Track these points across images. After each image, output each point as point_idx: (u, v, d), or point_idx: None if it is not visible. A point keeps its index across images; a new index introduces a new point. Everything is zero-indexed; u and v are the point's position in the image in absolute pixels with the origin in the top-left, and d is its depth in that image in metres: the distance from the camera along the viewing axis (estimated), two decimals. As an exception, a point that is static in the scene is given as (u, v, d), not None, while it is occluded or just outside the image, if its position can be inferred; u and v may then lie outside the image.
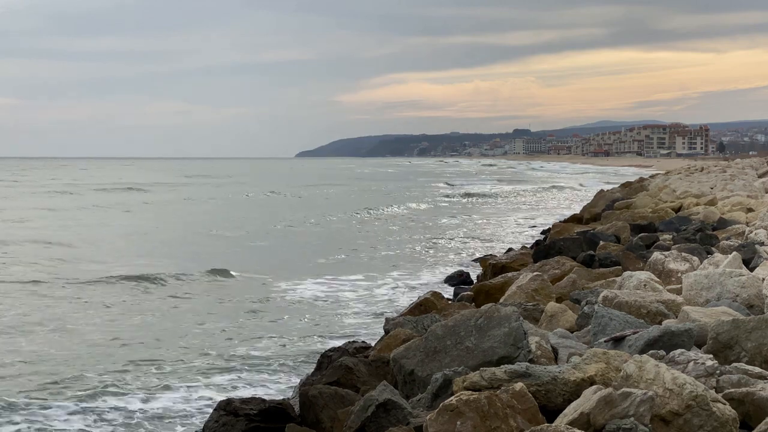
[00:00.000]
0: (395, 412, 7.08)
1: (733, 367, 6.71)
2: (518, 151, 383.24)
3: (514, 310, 8.05)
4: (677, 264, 12.02)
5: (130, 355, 13.46)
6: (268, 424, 8.54)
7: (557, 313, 10.02)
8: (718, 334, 7.35)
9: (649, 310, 9.10)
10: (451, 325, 8.08)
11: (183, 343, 14.31)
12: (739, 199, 24.74)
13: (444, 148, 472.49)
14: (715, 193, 28.84)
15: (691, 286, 9.71)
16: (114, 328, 15.50)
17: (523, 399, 6.22)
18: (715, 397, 6.02)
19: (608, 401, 5.83)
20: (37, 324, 15.66)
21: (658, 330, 7.44)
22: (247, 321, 16.30)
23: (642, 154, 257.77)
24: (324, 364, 10.94)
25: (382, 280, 21.34)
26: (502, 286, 13.88)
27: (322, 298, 18.80)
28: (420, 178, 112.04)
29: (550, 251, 17.06)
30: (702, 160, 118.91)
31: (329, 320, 16.43)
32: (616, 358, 6.86)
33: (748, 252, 13.08)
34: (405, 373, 8.06)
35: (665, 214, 23.96)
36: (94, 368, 12.61)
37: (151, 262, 23.98)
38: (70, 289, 19.40)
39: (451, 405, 6.04)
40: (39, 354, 13.48)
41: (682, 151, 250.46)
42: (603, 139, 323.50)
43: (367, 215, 45.02)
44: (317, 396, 8.48)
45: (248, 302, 18.17)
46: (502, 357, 7.52)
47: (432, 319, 11.03)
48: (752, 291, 9.36)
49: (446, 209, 49.86)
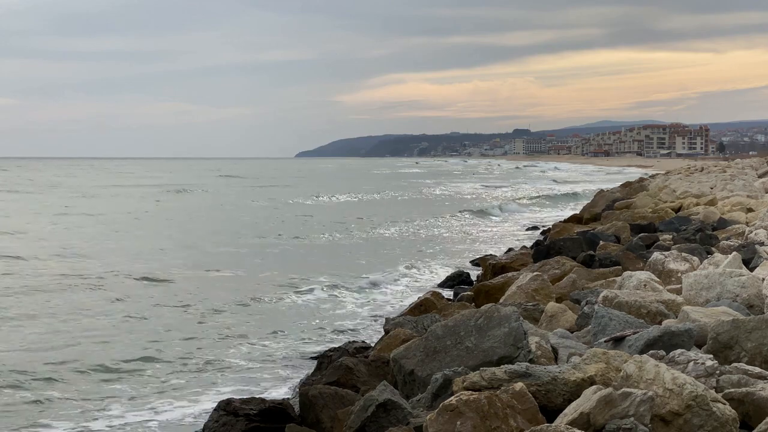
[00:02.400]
0: (395, 412, 7.08)
1: (733, 367, 6.71)
2: (518, 151, 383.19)
3: (514, 310, 8.05)
4: (677, 264, 12.01)
5: (130, 354, 13.46)
6: (268, 424, 8.54)
7: (557, 313, 10.02)
8: (718, 334, 7.35)
9: (649, 310, 9.10)
10: (451, 325, 8.08)
11: (182, 343, 14.31)
12: (739, 199, 24.75)
13: (444, 148, 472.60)
14: (715, 193, 28.83)
15: (691, 286, 9.71)
16: (114, 326, 15.51)
17: (523, 399, 6.22)
18: (715, 397, 6.01)
19: (608, 401, 5.83)
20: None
21: (658, 330, 7.44)
22: (247, 321, 16.30)
23: (642, 154, 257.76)
24: (324, 364, 10.95)
25: (382, 280, 21.34)
26: (502, 286, 13.88)
27: (322, 298, 18.80)
28: (458, 180, 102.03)
29: (550, 251, 17.07)
30: (702, 160, 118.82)
31: (329, 320, 16.43)
32: (616, 358, 6.86)
33: (748, 252, 13.08)
34: (405, 373, 8.06)
35: (665, 214, 23.97)
36: (95, 367, 12.62)
37: (161, 262, 24.00)
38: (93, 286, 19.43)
39: (451, 405, 6.04)
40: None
41: (682, 151, 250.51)
42: (603, 139, 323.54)
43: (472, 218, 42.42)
44: (317, 396, 8.48)
45: (248, 302, 18.16)
46: (502, 357, 7.52)
47: (432, 319, 11.05)
48: (752, 291, 9.36)
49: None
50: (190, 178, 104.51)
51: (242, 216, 43.19)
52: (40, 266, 23.05)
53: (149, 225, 37.86)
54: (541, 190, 71.73)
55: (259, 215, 43.79)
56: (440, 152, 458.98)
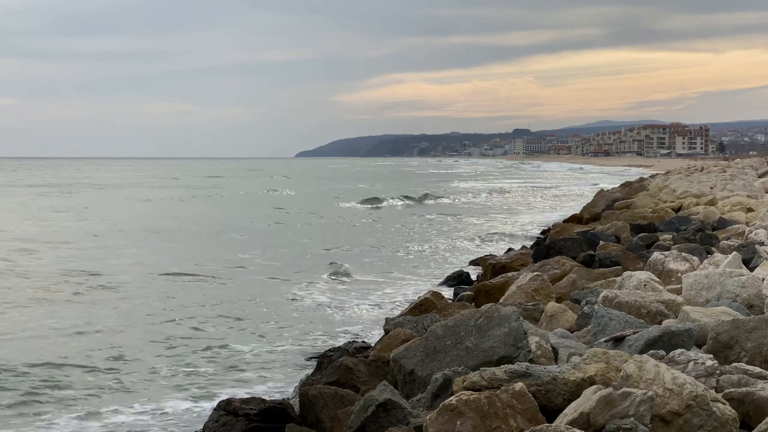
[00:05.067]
0: (395, 412, 7.08)
1: (733, 367, 6.71)
2: (518, 151, 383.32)
3: (514, 310, 8.04)
4: (677, 264, 12.01)
5: (129, 353, 13.46)
6: (268, 424, 8.54)
7: (557, 313, 10.02)
8: (718, 334, 7.35)
9: (649, 310, 9.09)
10: (451, 325, 8.08)
11: (182, 342, 14.30)
12: (739, 199, 24.74)
13: (444, 148, 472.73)
14: (715, 193, 28.83)
15: (691, 286, 9.71)
16: (113, 324, 15.51)
17: (523, 399, 6.22)
18: (715, 397, 6.01)
19: (608, 401, 5.83)
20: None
21: (658, 330, 7.44)
22: (247, 320, 16.29)
23: (642, 154, 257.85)
24: (324, 364, 10.95)
25: (385, 279, 21.34)
26: (502, 286, 13.88)
27: (322, 298, 18.79)
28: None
29: (550, 251, 17.06)
30: (702, 160, 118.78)
31: (329, 320, 16.42)
32: (616, 358, 6.86)
33: (748, 252, 13.07)
34: (405, 373, 8.06)
35: (665, 214, 23.96)
36: (94, 365, 12.61)
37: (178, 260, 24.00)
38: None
39: (451, 405, 6.04)
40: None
41: (682, 151, 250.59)
42: (603, 138, 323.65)
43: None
44: (317, 396, 8.48)
45: (248, 302, 18.16)
46: (502, 357, 7.52)
47: (432, 319, 11.04)
48: (752, 291, 9.36)
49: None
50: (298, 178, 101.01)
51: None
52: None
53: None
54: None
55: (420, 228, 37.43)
56: (440, 152, 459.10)
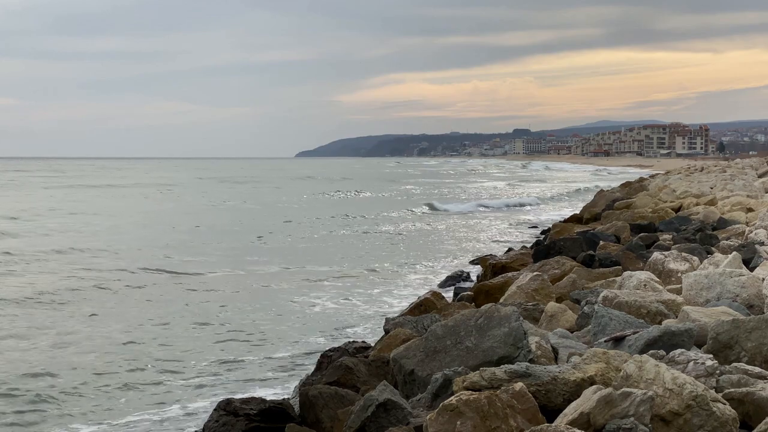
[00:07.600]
0: (395, 412, 7.07)
1: (733, 367, 6.71)
2: (518, 151, 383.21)
3: (514, 310, 8.04)
4: (677, 264, 12.01)
5: (129, 353, 13.47)
6: (268, 424, 8.53)
7: (557, 313, 10.01)
8: (718, 334, 7.35)
9: (649, 310, 9.09)
10: (451, 325, 8.08)
11: (182, 342, 14.31)
12: (739, 199, 24.73)
13: (444, 148, 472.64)
14: (715, 193, 28.82)
15: (691, 286, 9.71)
16: (113, 323, 15.52)
17: (523, 399, 6.22)
18: (715, 397, 6.01)
19: (608, 401, 5.83)
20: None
21: (658, 330, 7.43)
22: (247, 320, 16.30)
23: (642, 154, 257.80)
24: (324, 364, 10.94)
25: (383, 279, 21.34)
26: (502, 286, 13.87)
27: (323, 298, 18.80)
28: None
29: (550, 251, 17.05)
30: (702, 160, 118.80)
31: (329, 320, 16.42)
32: (616, 358, 6.86)
33: (748, 252, 13.07)
34: (405, 373, 8.06)
35: (665, 214, 23.95)
36: (93, 365, 12.62)
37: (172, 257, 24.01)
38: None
39: (451, 405, 6.04)
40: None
41: (682, 151, 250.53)
42: (603, 138, 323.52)
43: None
44: (317, 396, 8.48)
45: (248, 302, 18.17)
46: (502, 357, 7.52)
47: (432, 319, 11.03)
48: (752, 291, 9.36)
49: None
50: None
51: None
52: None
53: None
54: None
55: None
56: (440, 152, 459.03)
